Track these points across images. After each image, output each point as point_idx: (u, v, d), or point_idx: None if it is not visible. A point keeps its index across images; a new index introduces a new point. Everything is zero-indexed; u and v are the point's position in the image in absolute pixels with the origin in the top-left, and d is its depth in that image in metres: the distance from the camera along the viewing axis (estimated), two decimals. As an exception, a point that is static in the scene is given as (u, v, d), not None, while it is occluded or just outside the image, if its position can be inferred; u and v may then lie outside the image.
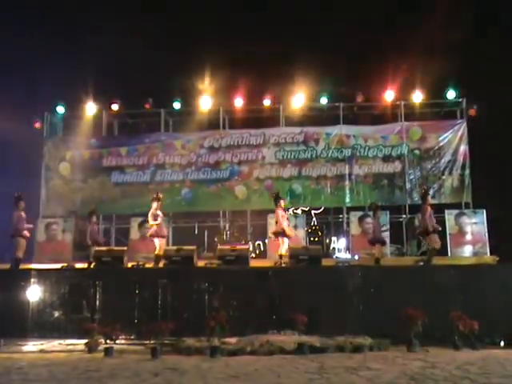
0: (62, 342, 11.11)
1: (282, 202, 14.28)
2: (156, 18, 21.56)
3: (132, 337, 11.44)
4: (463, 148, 17.30)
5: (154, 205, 14.22)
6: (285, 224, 13.91)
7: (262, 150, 18.01)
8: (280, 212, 13.98)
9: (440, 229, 13.85)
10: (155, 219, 14.08)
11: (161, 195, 14.69)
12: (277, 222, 14.13)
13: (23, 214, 14.13)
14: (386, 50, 19.08)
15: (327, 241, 18.24)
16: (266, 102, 18.06)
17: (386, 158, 17.56)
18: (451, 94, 17.49)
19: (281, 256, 13.46)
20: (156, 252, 13.90)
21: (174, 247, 13.72)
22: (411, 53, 18.05)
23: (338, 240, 18.51)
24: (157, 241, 14.03)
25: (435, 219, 13.72)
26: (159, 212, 14.22)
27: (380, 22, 21.02)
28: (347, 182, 17.57)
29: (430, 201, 13.98)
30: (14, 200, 14.11)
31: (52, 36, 19.96)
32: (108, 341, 10.14)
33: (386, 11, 21.16)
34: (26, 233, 14.12)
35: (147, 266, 13.84)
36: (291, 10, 22.28)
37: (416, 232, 15.48)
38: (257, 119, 18.53)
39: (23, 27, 20.29)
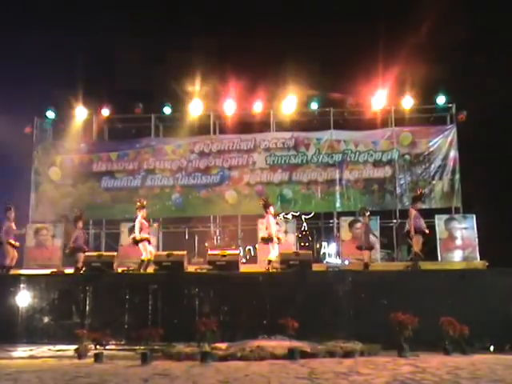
0: (51, 347, 11.04)
1: (272, 209, 14.29)
2: (146, 23, 21.54)
3: (122, 342, 11.37)
4: (453, 153, 17.39)
5: (140, 213, 14.14)
6: (274, 230, 13.93)
7: (253, 155, 18.02)
8: (271, 218, 13.98)
9: (427, 231, 13.83)
10: (142, 230, 14.02)
11: (145, 202, 14.61)
12: (266, 228, 14.15)
13: (13, 224, 14.24)
14: (377, 55, 19.12)
15: (318, 246, 18.28)
16: (257, 108, 18.08)
17: (377, 163, 17.62)
18: (441, 100, 17.59)
19: (269, 262, 13.47)
20: (142, 257, 13.85)
21: (164, 252, 13.69)
22: (401, 58, 18.10)
23: (328, 245, 18.57)
24: (141, 246, 13.97)
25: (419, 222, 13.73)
26: (144, 221, 14.17)
27: (370, 27, 21.07)
28: (338, 187, 17.60)
29: (418, 204, 14.02)
30: (4, 210, 14.28)
31: (42, 40, 19.89)
32: (98, 346, 10.08)
33: (375, 15, 21.24)
34: (14, 242, 14.22)
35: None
36: (281, 16, 22.32)
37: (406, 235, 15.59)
38: (247, 124, 18.54)
39: (13, 31, 20.24)
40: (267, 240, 13.93)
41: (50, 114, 18.68)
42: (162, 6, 22.52)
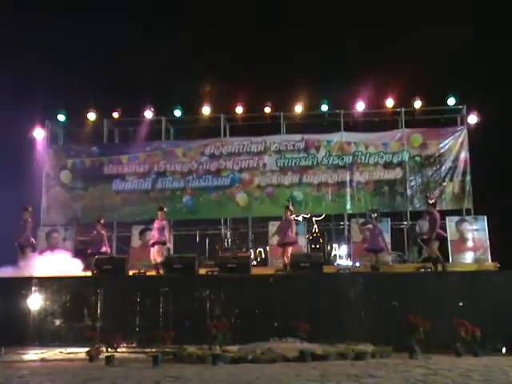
0: (63, 350, 11.06)
1: (289, 213, 14.50)
2: (157, 26, 21.64)
3: (133, 345, 11.42)
4: (464, 155, 17.30)
5: (158, 214, 14.47)
6: (294, 232, 14.23)
7: (263, 157, 18.01)
8: (294, 222, 14.31)
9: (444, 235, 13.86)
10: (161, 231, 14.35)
11: (161, 205, 15.00)
12: (281, 230, 14.35)
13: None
14: (387, 57, 19.12)
15: (328, 248, 18.18)
16: (267, 110, 18.07)
17: (387, 165, 17.56)
18: (451, 101, 17.50)
19: (285, 265, 13.65)
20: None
21: (176, 255, 13.75)
22: (411, 59, 18.08)
23: (339, 247, 18.45)
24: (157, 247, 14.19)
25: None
26: (163, 222, 14.44)
27: (380, 28, 21.05)
28: (348, 189, 17.56)
29: (432, 208, 14.03)
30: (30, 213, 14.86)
31: (52, 43, 20.01)
32: (109, 349, 10.11)
33: (386, 17, 21.22)
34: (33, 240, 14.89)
35: (148, 273, 13.85)
36: (291, 17, 22.35)
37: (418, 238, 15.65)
38: (257, 127, 18.55)
39: (24, 34, 20.35)
40: (293, 243, 14.12)
41: (61, 117, 18.70)
42: (173, 9, 22.60)
